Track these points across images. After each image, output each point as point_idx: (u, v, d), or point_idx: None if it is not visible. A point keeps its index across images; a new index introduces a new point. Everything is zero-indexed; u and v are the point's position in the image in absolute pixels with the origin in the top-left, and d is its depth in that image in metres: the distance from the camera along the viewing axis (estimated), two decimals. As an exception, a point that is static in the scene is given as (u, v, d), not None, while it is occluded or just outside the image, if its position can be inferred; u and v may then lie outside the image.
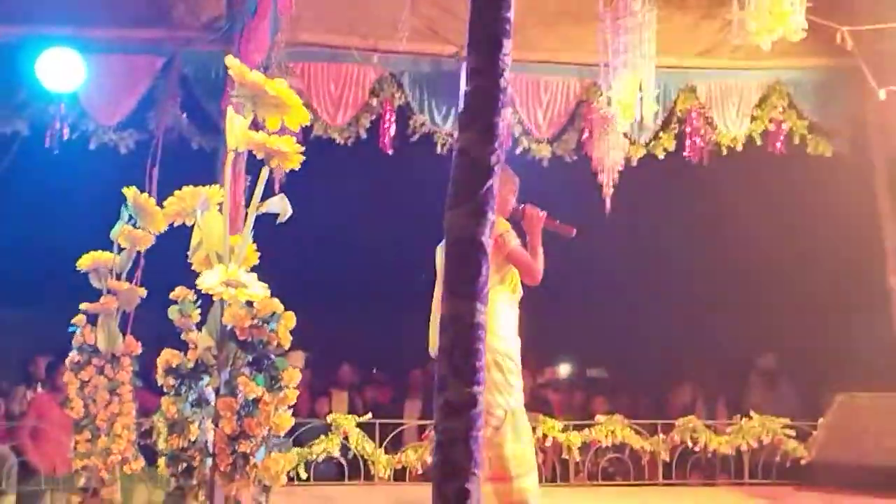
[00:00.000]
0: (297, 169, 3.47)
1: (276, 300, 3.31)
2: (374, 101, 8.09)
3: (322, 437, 7.76)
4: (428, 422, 8.09)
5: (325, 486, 7.69)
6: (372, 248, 10.88)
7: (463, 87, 2.38)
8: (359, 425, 7.85)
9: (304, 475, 7.60)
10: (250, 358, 3.27)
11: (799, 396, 9.89)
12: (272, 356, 3.29)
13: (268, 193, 3.64)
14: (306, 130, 7.89)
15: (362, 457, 7.81)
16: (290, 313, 3.33)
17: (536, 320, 5.70)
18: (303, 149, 3.40)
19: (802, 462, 8.03)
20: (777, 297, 10.43)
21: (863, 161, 8.54)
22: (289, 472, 7.52)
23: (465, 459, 2.14)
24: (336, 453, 7.75)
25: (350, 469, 7.86)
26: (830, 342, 9.45)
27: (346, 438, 7.78)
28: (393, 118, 8.11)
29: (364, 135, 8.13)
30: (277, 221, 3.56)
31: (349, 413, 8.19)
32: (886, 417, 7.68)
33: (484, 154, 2.19)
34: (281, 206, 3.50)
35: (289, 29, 7.31)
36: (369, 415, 7.95)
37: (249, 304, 3.29)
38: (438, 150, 8.16)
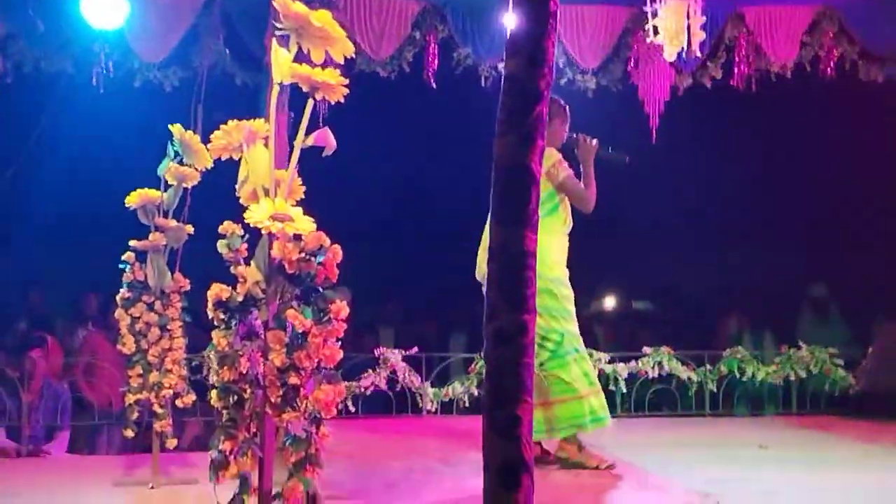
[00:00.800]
0: (341, 103, 3.45)
1: (323, 234, 3.30)
2: (417, 34, 8.00)
3: (369, 371, 7.82)
4: (473, 355, 8.11)
5: (374, 418, 7.77)
6: (417, 183, 10.86)
7: (510, 15, 2.35)
8: (405, 359, 7.90)
9: (352, 409, 7.69)
10: (298, 291, 3.27)
11: (849, 326, 9.82)
12: (320, 289, 3.29)
13: (313, 128, 3.64)
14: (349, 65, 7.84)
15: (409, 390, 7.87)
16: (337, 247, 3.32)
17: (583, 252, 5.70)
18: (346, 82, 3.37)
19: (851, 392, 7.96)
20: (827, 227, 10.32)
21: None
22: (338, 405, 7.62)
23: (516, 387, 2.14)
24: (384, 387, 7.81)
25: (397, 402, 7.93)
26: (881, 271, 9.34)
27: (393, 372, 7.83)
28: (436, 51, 8.03)
29: (407, 69, 8.06)
30: (323, 155, 3.55)
31: (395, 348, 8.23)
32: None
33: (533, 80, 2.15)
34: (326, 139, 3.48)
35: (330, -39, 7.23)
36: (415, 348, 7.99)
37: (297, 238, 3.30)
38: (483, 83, 8.08)
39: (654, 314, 11.89)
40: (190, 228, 5.25)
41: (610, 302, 12.25)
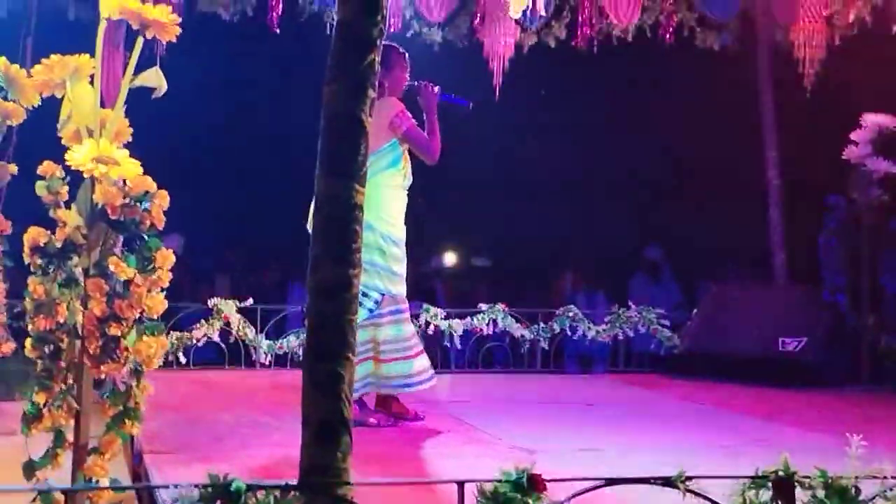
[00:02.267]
0: (175, 43, 3.32)
1: (149, 178, 3.18)
2: (264, -23, 7.80)
3: (203, 321, 7.66)
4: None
5: (206, 370, 7.62)
6: (262, 128, 10.64)
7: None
8: (240, 311, 7.75)
9: (183, 360, 7.52)
10: (122, 238, 3.15)
11: (680, 289, 10.14)
12: (145, 236, 3.18)
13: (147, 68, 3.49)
14: (191, 4, 7.60)
15: (243, 342, 7.74)
16: (164, 192, 3.20)
17: (423, 207, 5.67)
18: (179, 20, 3.24)
19: (675, 352, 8.23)
20: (664, 190, 10.60)
21: (747, 55, 8.63)
22: (168, 357, 7.43)
23: (337, 342, 2.10)
24: (216, 338, 7.66)
25: (231, 354, 7.80)
26: (711, 235, 9.67)
27: (227, 324, 7.68)
28: (282, -4, 7.84)
29: (251, 12, 7.85)
30: (153, 96, 3.42)
31: (232, 298, 8.07)
32: (753, 308, 7.92)
33: (366, 27, 2.09)
34: (156, 79, 3.35)
35: None
36: (250, 300, 7.85)
37: (122, 182, 3.17)
38: (328, 31, 7.93)
39: (492, 271, 12.02)
40: (13, 168, 4.98)
41: (450, 258, 12.33)
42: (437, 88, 5.50)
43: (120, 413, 3.08)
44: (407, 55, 5.61)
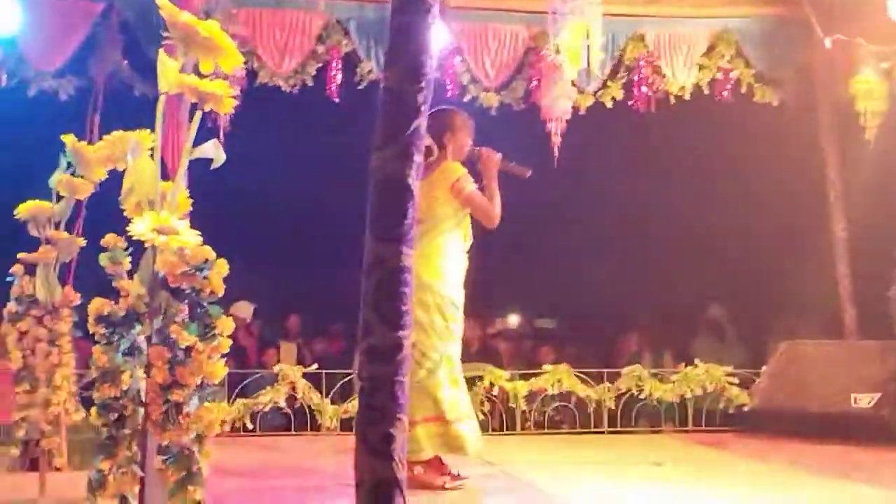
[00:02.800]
0: (240, 116, 3.42)
1: (209, 247, 3.25)
2: (321, 49, 7.97)
3: (269, 387, 7.73)
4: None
5: (272, 436, 7.67)
6: (321, 198, 10.77)
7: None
8: (305, 375, 7.82)
9: (250, 426, 7.58)
10: (183, 306, 3.21)
11: (746, 345, 10.00)
12: (205, 304, 3.23)
13: (210, 138, 3.59)
14: (251, 77, 7.78)
15: (309, 407, 7.79)
16: (223, 260, 3.27)
17: (487, 270, 5.69)
18: (236, 93, 3.33)
19: (745, 409, 8.11)
20: (726, 247, 10.50)
21: (808, 109, 8.59)
22: (234, 423, 7.50)
23: (389, 404, 2.11)
24: (282, 403, 7.73)
25: (297, 419, 7.85)
26: (777, 291, 9.54)
27: (293, 389, 7.75)
28: (339, 65, 8.01)
29: (311, 82, 8.03)
30: (211, 167, 3.50)
31: (298, 364, 8.14)
32: (826, 364, 7.78)
33: (410, 93, 2.14)
34: (214, 151, 3.43)
35: (230, -27, 7.17)
36: (315, 365, 7.92)
37: (182, 251, 3.23)
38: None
39: (556, 332, 11.97)
40: (81, 241, 5.12)
41: (513, 319, 12.31)
42: (498, 155, 5.53)
43: (183, 478, 3.11)
44: (471, 121, 5.66)
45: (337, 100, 8.02)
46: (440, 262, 5.30)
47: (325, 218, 10.86)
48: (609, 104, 8.39)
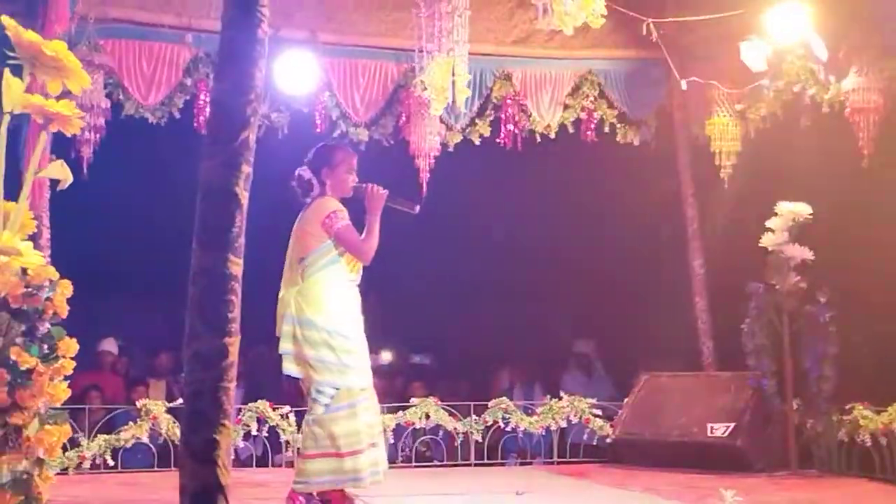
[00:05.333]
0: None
1: (52, 268, 3.22)
2: (189, 81, 7.93)
3: (131, 423, 7.59)
4: (250, 405, 7.94)
5: (135, 472, 7.53)
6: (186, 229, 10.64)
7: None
8: (170, 411, 7.69)
9: (111, 462, 7.42)
10: (24, 327, 3.17)
11: (613, 379, 10.22)
12: (48, 325, 3.20)
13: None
14: (117, 109, 7.70)
15: (173, 442, 7.66)
16: (67, 281, 3.25)
17: (363, 305, 5.67)
18: (82, 114, 3.32)
19: (608, 440, 8.29)
20: (594, 283, 10.71)
21: (668, 149, 8.88)
22: (95, 459, 7.31)
23: (213, 410, 2.13)
24: (145, 439, 7.59)
25: (161, 455, 7.71)
26: (641, 326, 9.78)
27: (155, 424, 7.61)
28: (208, 98, 7.95)
29: (178, 115, 7.97)
30: (58, 189, 3.49)
31: (168, 401, 8.00)
32: (684, 395, 8.03)
33: (238, 105, 2.18)
34: (61, 172, 3.42)
35: (92, 2, 7.06)
36: (180, 400, 7.77)
37: (24, 272, 3.20)
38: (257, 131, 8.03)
39: (428, 368, 12.03)
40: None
41: (386, 356, 12.34)
42: (384, 192, 5.54)
43: (21, 503, 3.06)
44: (354, 156, 5.67)
45: (204, 132, 7.95)
46: (321, 297, 5.31)
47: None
48: (477, 141, 8.54)
